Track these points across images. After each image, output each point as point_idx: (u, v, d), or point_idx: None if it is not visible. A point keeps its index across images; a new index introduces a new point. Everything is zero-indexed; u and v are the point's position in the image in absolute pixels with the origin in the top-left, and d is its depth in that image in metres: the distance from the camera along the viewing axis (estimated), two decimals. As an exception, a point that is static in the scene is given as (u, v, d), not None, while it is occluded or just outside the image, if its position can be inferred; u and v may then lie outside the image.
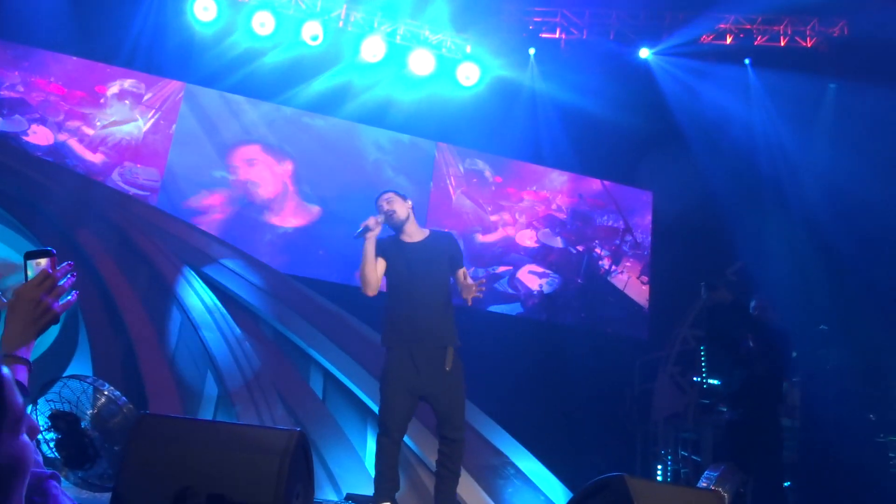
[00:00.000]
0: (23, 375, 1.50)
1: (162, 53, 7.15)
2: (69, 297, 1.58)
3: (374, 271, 3.82)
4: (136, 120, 7.17)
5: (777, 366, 4.94)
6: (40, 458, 1.72)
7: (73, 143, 6.94)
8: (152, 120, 7.24)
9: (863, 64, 7.11)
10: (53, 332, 6.04)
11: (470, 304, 3.81)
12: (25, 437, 1.07)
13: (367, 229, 3.78)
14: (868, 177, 7.04)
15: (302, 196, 7.56)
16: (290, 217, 7.47)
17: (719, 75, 7.90)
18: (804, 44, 7.69)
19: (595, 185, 8.58)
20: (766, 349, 4.88)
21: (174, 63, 7.26)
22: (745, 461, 4.69)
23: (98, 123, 7.02)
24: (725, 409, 6.01)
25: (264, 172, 7.50)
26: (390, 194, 4.01)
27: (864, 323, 6.38)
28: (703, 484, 4.29)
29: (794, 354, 6.76)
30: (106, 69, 7.16)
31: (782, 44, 7.78)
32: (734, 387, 5.32)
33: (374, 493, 3.79)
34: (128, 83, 7.21)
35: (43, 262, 1.60)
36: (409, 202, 4.01)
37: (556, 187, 8.42)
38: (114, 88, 7.15)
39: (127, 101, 7.17)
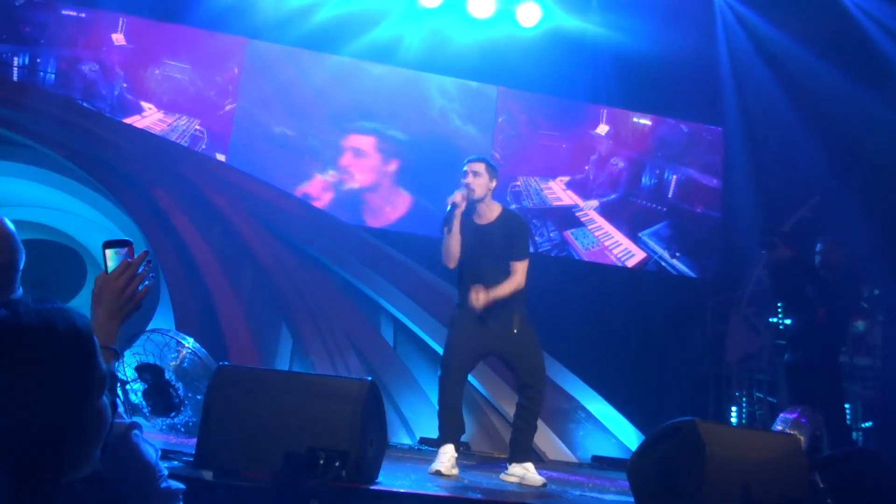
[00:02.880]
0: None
1: (219, 8, 7.19)
2: (147, 283, 1.64)
3: (458, 245, 3.84)
4: (196, 76, 7.29)
5: (838, 308, 4.78)
6: (122, 409, 1.82)
7: (138, 102, 7.12)
8: (214, 76, 7.34)
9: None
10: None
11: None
12: (105, 400, 1.16)
13: (454, 206, 3.78)
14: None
15: (369, 148, 7.59)
16: (358, 172, 7.51)
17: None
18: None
19: (666, 123, 8.32)
20: (828, 293, 4.73)
21: (232, 18, 7.29)
22: (813, 403, 4.60)
23: (160, 81, 7.16)
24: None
25: (327, 126, 7.54)
26: (480, 165, 3.92)
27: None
28: (778, 427, 4.23)
29: (877, 292, 6.52)
30: (163, 27, 7.25)
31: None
32: (793, 331, 5.19)
33: (438, 436, 3.88)
34: (191, 40, 7.30)
35: (122, 250, 1.65)
36: (494, 182, 3.94)
37: (624, 128, 8.21)
38: (176, 45, 7.26)
39: (187, 62, 7.28)
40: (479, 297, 3.72)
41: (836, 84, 7.13)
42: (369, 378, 2.95)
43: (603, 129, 8.16)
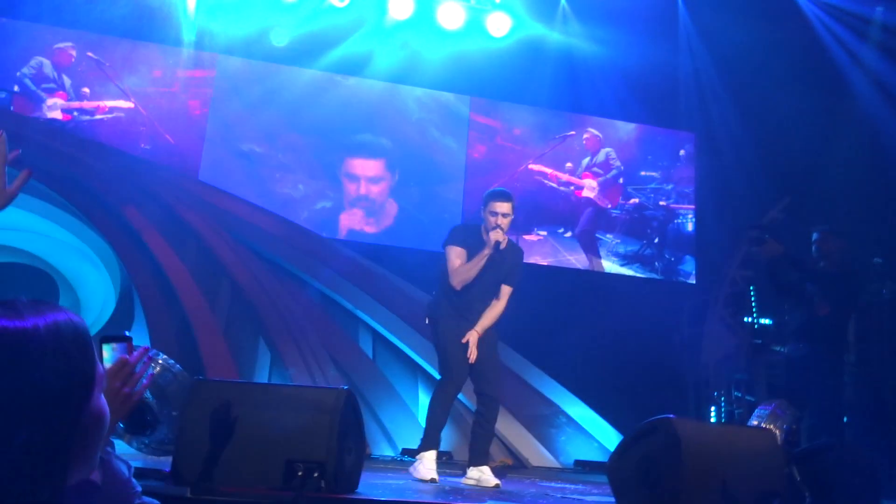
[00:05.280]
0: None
1: (188, 25, 7.16)
2: (144, 381, 1.60)
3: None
4: (171, 93, 7.24)
5: (840, 304, 4.79)
6: None
7: (114, 120, 7.06)
8: (188, 91, 7.30)
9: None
10: (110, 307, 6.25)
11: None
12: (103, 399, 1.19)
13: (498, 244, 3.99)
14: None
15: (346, 162, 7.56)
16: (333, 187, 7.47)
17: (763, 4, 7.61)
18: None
19: (634, 130, 8.40)
20: (829, 288, 4.75)
21: (203, 36, 7.26)
22: (804, 398, 4.61)
23: (133, 99, 7.10)
24: (781, 348, 5.93)
25: (301, 142, 7.52)
26: (510, 206, 4.08)
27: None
28: (753, 422, 4.27)
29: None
30: (133, 45, 7.19)
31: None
32: (794, 325, 5.20)
33: (422, 441, 4.00)
34: (162, 57, 7.26)
35: (120, 346, 1.59)
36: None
37: (596, 135, 8.28)
38: (147, 62, 7.21)
39: (160, 74, 7.23)
40: (473, 350, 3.97)
41: (797, 91, 7.30)
42: (345, 387, 2.94)
43: (577, 134, 8.22)
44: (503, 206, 4.05)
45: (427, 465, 3.91)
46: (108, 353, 1.58)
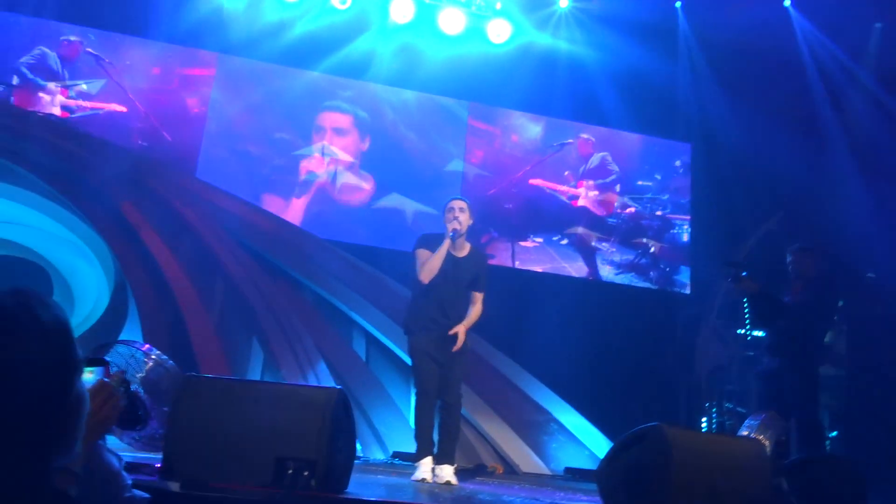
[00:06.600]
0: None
1: (191, 25, 7.17)
2: (121, 402, 1.62)
3: (440, 265, 4.30)
4: (169, 90, 7.24)
5: (814, 324, 4.86)
6: None
7: (112, 116, 7.06)
8: (187, 89, 7.31)
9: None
10: (103, 302, 6.23)
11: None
12: (82, 386, 1.21)
13: (456, 232, 4.29)
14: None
15: (344, 166, 7.58)
16: (334, 190, 7.48)
17: (754, 11, 7.64)
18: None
19: (631, 139, 8.43)
20: (801, 317, 4.80)
21: (204, 34, 7.27)
22: (784, 410, 4.66)
23: (131, 95, 7.10)
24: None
25: (299, 145, 7.53)
26: (464, 203, 4.43)
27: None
28: (743, 432, 4.28)
29: (841, 303, 6.64)
30: (134, 41, 7.20)
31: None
32: (768, 340, 5.28)
33: (417, 451, 4.22)
34: (162, 54, 7.26)
35: (98, 370, 1.62)
36: (471, 220, 4.46)
37: (588, 139, 8.30)
38: (146, 60, 7.22)
39: (158, 72, 7.24)
40: (461, 338, 4.26)
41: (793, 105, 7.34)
42: (338, 386, 2.94)
43: (574, 142, 8.24)
44: (458, 203, 4.40)
45: (421, 468, 4.15)
46: (88, 376, 1.60)
